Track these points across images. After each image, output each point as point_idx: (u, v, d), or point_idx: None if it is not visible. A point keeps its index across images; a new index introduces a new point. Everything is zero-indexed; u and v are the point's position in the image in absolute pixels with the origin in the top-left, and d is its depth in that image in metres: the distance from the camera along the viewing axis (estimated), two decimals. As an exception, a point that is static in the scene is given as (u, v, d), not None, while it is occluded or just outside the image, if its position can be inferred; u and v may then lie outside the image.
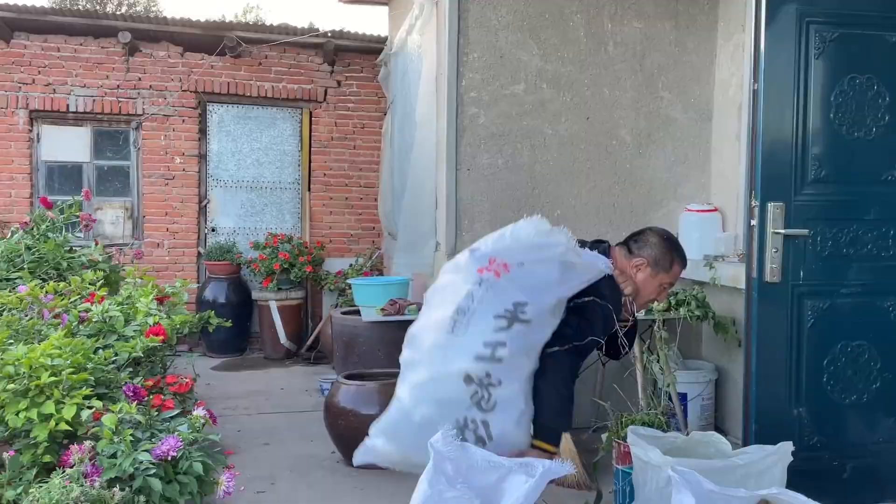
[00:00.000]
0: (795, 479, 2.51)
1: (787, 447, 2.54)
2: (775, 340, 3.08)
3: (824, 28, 3.06)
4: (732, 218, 4.33)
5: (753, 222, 3.05)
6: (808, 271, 3.07)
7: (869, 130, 3.13)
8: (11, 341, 2.70)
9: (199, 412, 2.55)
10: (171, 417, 2.58)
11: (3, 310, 3.08)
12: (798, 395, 3.11)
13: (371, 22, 12.77)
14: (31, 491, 2.09)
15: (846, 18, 3.08)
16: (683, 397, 3.98)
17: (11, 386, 2.35)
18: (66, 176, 6.99)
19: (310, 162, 7.34)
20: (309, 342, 6.80)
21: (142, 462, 2.23)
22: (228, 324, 4.28)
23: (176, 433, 2.37)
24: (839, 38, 3.07)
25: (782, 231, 3.02)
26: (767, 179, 3.02)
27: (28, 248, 3.98)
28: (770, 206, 3.01)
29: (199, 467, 2.33)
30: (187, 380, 3.07)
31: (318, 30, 7.12)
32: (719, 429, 4.05)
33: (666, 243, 2.68)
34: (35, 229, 4.17)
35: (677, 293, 4.04)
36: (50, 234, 4.15)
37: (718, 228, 4.36)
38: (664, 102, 4.52)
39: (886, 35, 3.12)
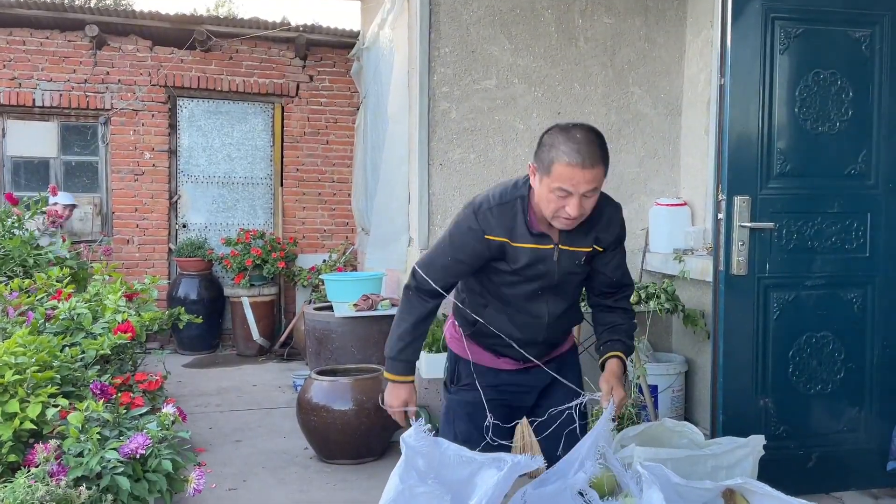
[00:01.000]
0: (761, 468, 2.54)
1: (758, 440, 2.53)
2: (742, 332, 3.13)
3: (789, 24, 3.10)
4: (701, 212, 4.37)
5: (720, 216, 3.09)
6: (773, 264, 3.12)
7: (833, 125, 3.18)
8: (-25, 340, 2.65)
9: (168, 409, 2.53)
10: (141, 415, 2.56)
11: (-33, 308, 3.03)
12: (764, 385, 3.17)
13: (344, 16, 12.70)
14: (-5, 491, 2.06)
15: (810, 14, 3.13)
16: (654, 389, 4.02)
17: (-25, 385, 2.32)
18: (32, 171, 6.88)
19: (282, 157, 7.29)
20: (282, 338, 6.77)
21: (109, 460, 2.21)
22: (199, 320, 4.25)
23: (145, 431, 2.35)
24: (803, 33, 3.12)
25: (748, 224, 3.06)
26: (734, 173, 3.07)
27: (-7, 245, 3.92)
28: (736, 199, 3.06)
29: (168, 465, 2.31)
30: (157, 377, 3.04)
31: (289, 24, 7.07)
32: (689, 420, 4.10)
33: (552, 135, 2.16)
34: (0, 226, 4.10)
35: (647, 286, 4.08)
36: (16, 231, 4.10)
37: (688, 222, 4.40)
38: (634, 98, 4.55)
39: (849, 31, 3.17)
